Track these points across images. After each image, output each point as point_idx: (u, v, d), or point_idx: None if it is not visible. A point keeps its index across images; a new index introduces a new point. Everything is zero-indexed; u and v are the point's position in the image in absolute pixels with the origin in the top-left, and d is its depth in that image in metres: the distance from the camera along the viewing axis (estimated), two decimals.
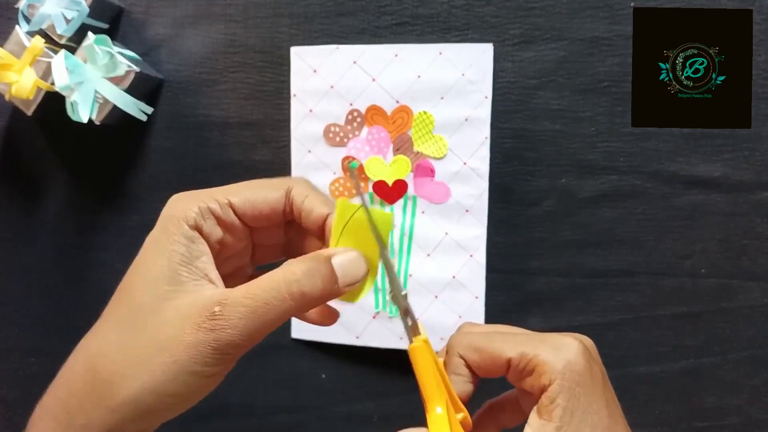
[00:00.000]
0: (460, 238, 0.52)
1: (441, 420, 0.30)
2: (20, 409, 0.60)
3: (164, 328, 0.28)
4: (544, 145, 0.52)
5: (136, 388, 0.28)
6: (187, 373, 0.28)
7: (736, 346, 0.51)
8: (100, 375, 0.29)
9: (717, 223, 0.51)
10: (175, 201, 0.31)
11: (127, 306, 0.30)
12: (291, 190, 0.32)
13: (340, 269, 0.29)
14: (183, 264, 0.29)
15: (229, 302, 0.28)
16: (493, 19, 0.51)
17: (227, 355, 0.28)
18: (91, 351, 0.30)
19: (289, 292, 0.28)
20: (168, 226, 0.30)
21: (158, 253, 0.30)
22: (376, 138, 0.52)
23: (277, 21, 0.54)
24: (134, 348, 0.28)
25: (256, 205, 0.32)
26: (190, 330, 0.28)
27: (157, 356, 0.28)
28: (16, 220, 0.58)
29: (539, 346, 0.30)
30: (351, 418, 0.56)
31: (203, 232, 0.30)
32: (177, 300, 0.29)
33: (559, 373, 0.29)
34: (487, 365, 0.32)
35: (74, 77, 0.49)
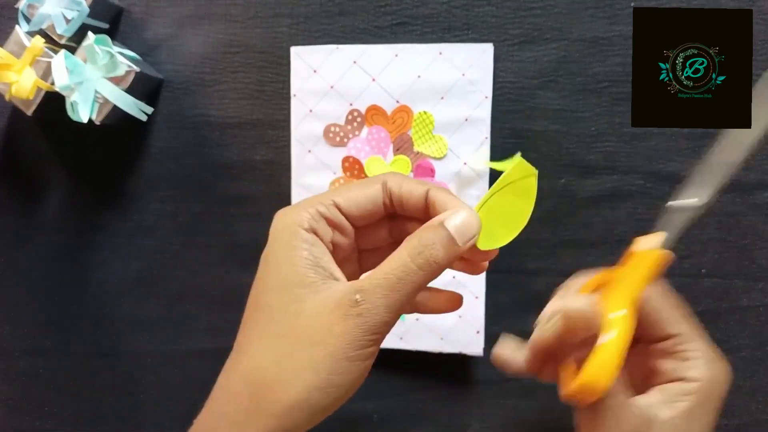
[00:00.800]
0: None
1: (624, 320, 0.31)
2: (20, 409, 0.60)
3: (311, 325, 0.30)
4: (544, 145, 0.52)
5: (301, 389, 0.29)
6: (345, 361, 0.29)
7: (736, 346, 0.51)
8: (261, 386, 0.30)
9: (717, 223, 0.51)
10: (284, 214, 0.33)
11: (266, 319, 0.31)
12: (387, 182, 0.33)
13: (454, 230, 0.30)
14: (309, 267, 0.31)
15: (367, 288, 0.29)
16: (493, 19, 0.51)
17: (377, 334, 0.30)
18: (244, 367, 0.31)
19: (417, 264, 0.30)
20: (284, 236, 0.31)
21: (283, 261, 0.31)
22: (376, 138, 0.52)
23: (277, 21, 0.54)
24: (287, 353, 0.30)
25: (359, 201, 0.33)
26: (337, 320, 0.29)
27: (314, 353, 0.29)
28: (16, 220, 0.58)
29: (704, 345, 0.32)
30: (351, 418, 0.56)
31: (318, 233, 0.32)
32: (313, 299, 0.30)
33: (706, 379, 0.31)
34: (649, 323, 0.34)
35: (74, 77, 0.49)
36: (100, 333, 0.58)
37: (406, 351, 0.53)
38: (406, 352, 0.53)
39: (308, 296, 0.30)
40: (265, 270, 0.32)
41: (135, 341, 0.58)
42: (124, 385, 0.58)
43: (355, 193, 0.33)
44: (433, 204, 0.33)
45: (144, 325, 0.58)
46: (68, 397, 0.59)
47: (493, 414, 0.54)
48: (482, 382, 0.54)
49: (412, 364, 0.54)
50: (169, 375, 0.58)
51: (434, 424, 0.55)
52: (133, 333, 0.58)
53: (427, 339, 0.53)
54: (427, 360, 0.53)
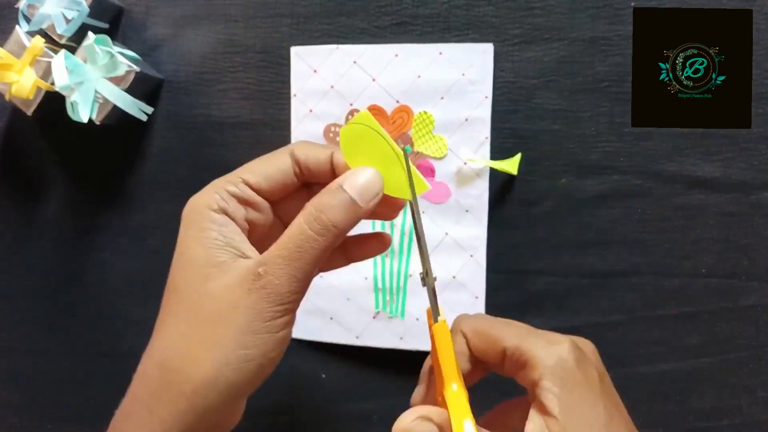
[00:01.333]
0: (460, 238, 0.52)
1: (458, 397, 0.31)
2: (20, 409, 0.60)
3: (216, 303, 0.29)
4: (544, 145, 0.52)
5: (210, 367, 0.29)
6: (252, 334, 0.29)
7: (736, 346, 0.51)
8: (170, 367, 0.30)
9: (717, 223, 0.51)
10: (193, 198, 0.32)
11: (176, 301, 0.31)
12: (294, 151, 0.33)
13: (354, 190, 0.30)
14: (219, 247, 0.30)
15: (268, 260, 0.29)
16: (493, 19, 0.51)
17: (284, 304, 0.29)
18: (156, 349, 0.31)
19: (314, 230, 0.29)
20: (194, 219, 0.31)
21: (193, 244, 0.31)
22: None
23: (277, 21, 0.54)
24: (195, 333, 0.29)
25: (268, 174, 0.33)
26: (241, 295, 0.29)
27: (221, 329, 0.29)
28: (16, 220, 0.58)
29: (534, 341, 0.31)
30: (351, 418, 0.56)
31: (229, 213, 0.31)
32: (221, 278, 0.30)
33: (549, 368, 0.30)
34: (485, 349, 0.33)
35: (74, 77, 0.49)
36: (100, 333, 0.58)
37: (406, 351, 0.53)
38: (406, 352, 0.53)
39: (216, 275, 0.30)
40: (178, 254, 0.32)
41: (135, 341, 0.57)
42: (124, 385, 0.58)
43: (263, 167, 0.33)
44: (337, 167, 0.32)
45: (144, 325, 0.57)
46: (68, 397, 0.59)
47: None
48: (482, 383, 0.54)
49: (412, 364, 0.54)
50: None
51: None
52: (133, 333, 0.58)
53: (427, 339, 0.53)
54: None
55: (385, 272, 0.53)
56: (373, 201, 0.31)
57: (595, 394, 0.30)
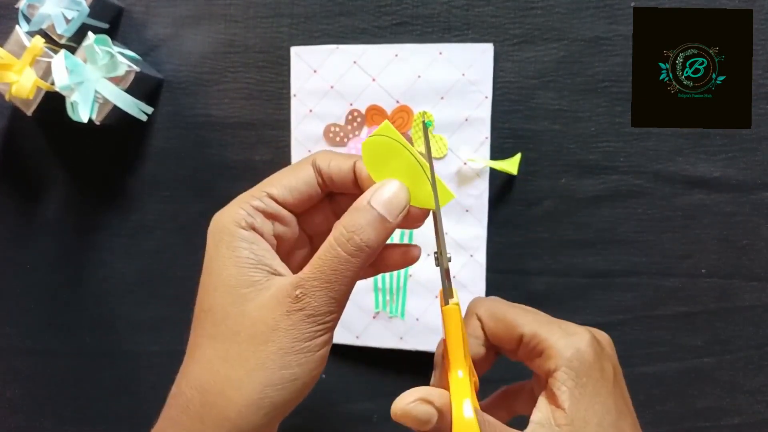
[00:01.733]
0: (460, 238, 0.52)
1: (463, 383, 0.30)
2: (20, 409, 0.60)
3: (256, 325, 0.29)
4: (544, 145, 0.52)
5: (254, 389, 0.29)
6: (294, 354, 0.29)
7: (735, 346, 0.51)
8: (211, 390, 0.29)
9: (717, 223, 0.51)
10: (219, 215, 0.32)
11: (212, 322, 0.30)
12: (315, 161, 0.33)
13: (381, 206, 0.30)
14: (251, 266, 0.30)
15: (305, 282, 0.29)
16: (493, 19, 0.51)
17: (323, 324, 0.29)
18: (193, 373, 0.31)
19: (349, 252, 0.29)
20: (224, 237, 0.31)
21: (224, 264, 0.31)
22: None
23: (277, 21, 0.54)
24: (236, 355, 0.29)
25: (293, 186, 0.32)
26: (281, 317, 0.29)
27: (262, 351, 0.29)
28: (16, 220, 0.58)
29: (553, 330, 0.31)
30: (351, 418, 0.56)
31: (256, 229, 0.31)
32: (257, 298, 0.30)
33: (566, 359, 0.30)
34: (500, 334, 0.33)
35: (74, 77, 0.49)
36: (100, 333, 0.58)
37: (406, 351, 0.53)
38: (406, 352, 0.53)
39: (252, 295, 0.30)
40: (208, 273, 0.31)
41: (135, 341, 0.58)
42: (124, 385, 0.58)
43: (288, 179, 0.32)
44: (360, 177, 0.32)
45: (144, 325, 0.58)
46: (68, 397, 0.59)
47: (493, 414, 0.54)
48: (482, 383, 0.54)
49: (412, 364, 0.54)
50: (169, 375, 0.57)
51: None
52: (133, 333, 0.58)
53: (427, 339, 0.53)
54: (427, 360, 0.53)
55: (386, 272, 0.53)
56: (401, 215, 0.30)
57: (608, 390, 0.30)
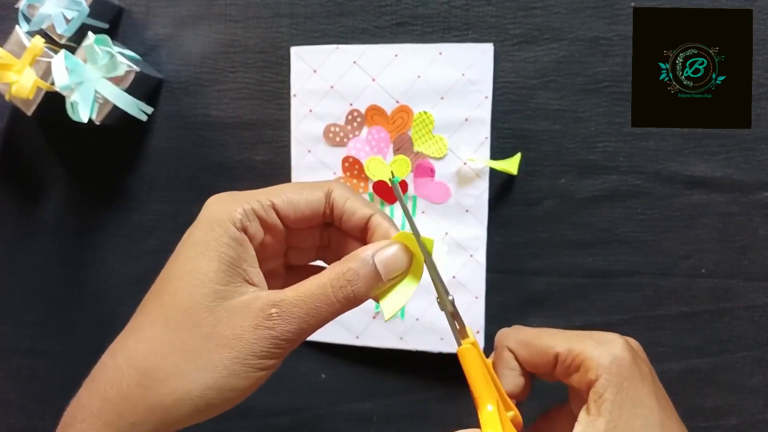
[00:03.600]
0: (460, 238, 0.52)
1: (492, 418, 0.30)
2: (20, 409, 0.60)
3: (222, 326, 0.29)
4: (544, 145, 0.52)
5: (196, 386, 0.29)
6: (247, 367, 0.29)
7: (735, 346, 0.51)
8: (154, 375, 0.29)
9: (717, 223, 0.51)
10: (218, 201, 0.32)
11: (172, 306, 0.30)
12: (331, 193, 0.33)
13: (382, 265, 0.31)
14: (231, 266, 0.30)
15: (284, 305, 0.29)
16: (493, 19, 0.51)
17: (281, 349, 0.30)
18: (138, 351, 0.30)
19: (337, 297, 0.30)
20: (214, 228, 0.31)
21: (206, 254, 0.30)
22: (376, 138, 0.52)
23: (277, 21, 0.54)
24: (189, 347, 0.29)
25: (298, 206, 0.32)
26: (248, 328, 0.29)
27: (217, 353, 0.29)
28: (16, 220, 0.58)
29: (586, 341, 0.31)
30: (351, 418, 0.56)
31: (248, 233, 0.31)
32: (230, 300, 0.30)
33: (605, 368, 0.30)
34: (535, 360, 0.33)
35: (74, 77, 0.49)
36: (100, 333, 0.58)
37: (406, 351, 0.53)
38: (406, 352, 0.53)
39: (223, 294, 0.30)
40: (183, 255, 0.31)
41: None
42: None
43: (297, 197, 0.32)
44: (374, 231, 0.32)
45: None
46: (68, 397, 0.59)
47: None
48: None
49: (412, 364, 0.54)
50: None
51: (434, 424, 0.55)
52: None
53: (427, 339, 0.53)
54: (427, 360, 0.53)
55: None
56: (394, 279, 0.31)
57: (649, 391, 0.30)
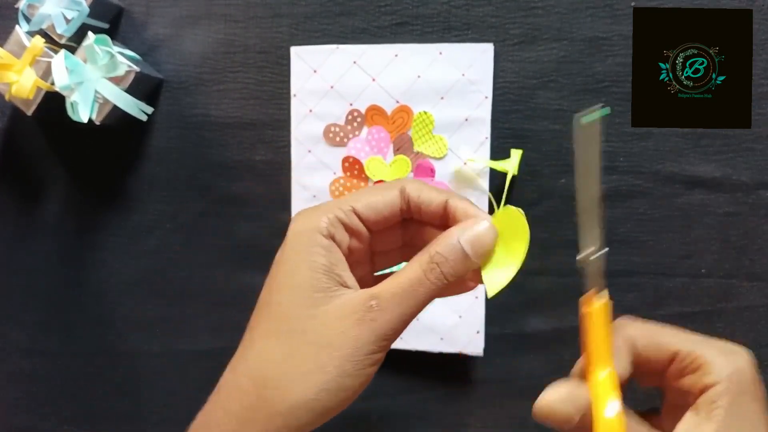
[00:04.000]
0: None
1: (606, 384, 0.30)
2: (20, 409, 0.60)
3: (325, 329, 0.30)
4: (544, 145, 0.52)
5: (310, 390, 0.30)
6: (354, 363, 0.30)
7: None
8: (268, 383, 0.30)
9: (717, 223, 0.51)
10: (302, 216, 0.33)
11: (278, 318, 0.32)
12: (405, 188, 0.34)
13: (468, 245, 0.31)
14: (325, 273, 0.31)
15: (383, 295, 0.30)
16: (493, 19, 0.51)
17: (386, 340, 0.31)
18: (251, 364, 0.32)
19: (430, 278, 0.31)
20: (303, 239, 0.32)
21: (299, 264, 0.31)
22: (376, 138, 0.52)
23: (277, 21, 0.54)
24: (299, 354, 0.30)
25: (377, 207, 0.33)
26: (351, 325, 0.30)
27: (325, 355, 0.30)
28: (16, 220, 0.58)
29: (710, 346, 0.31)
30: (351, 418, 0.56)
31: (335, 239, 0.32)
32: (328, 304, 0.31)
33: (726, 376, 0.30)
34: (649, 353, 0.33)
35: (74, 77, 0.49)
36: (100, 333, 0.58)
37: (406, 351, 0.53)
38: (406, 352, 0.53)
39: (322, 300, 0.31)
40: (279, 270, 0.32)
41: (135, 341, 0.58)
42: (124, 385, 0.58)
43: (374, 199, 0.33)
44: (453, 214, 0.33)
45: (144, 325, 0.58)
46: (68, 397, 0.59)
47: (493, 414, 0.54)
48: (482, 382, 0.54)
49: (412, 364, 0.54)
50: (169, 375, 0.58)
51: (434, 424, 0.55)
52: (133, 333, 0.58)
53: (427, 339, 0.53)
54: (427, 360, 0.53)
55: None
56: (484, 256, 0.32)
57: (762, 408, 0.30)
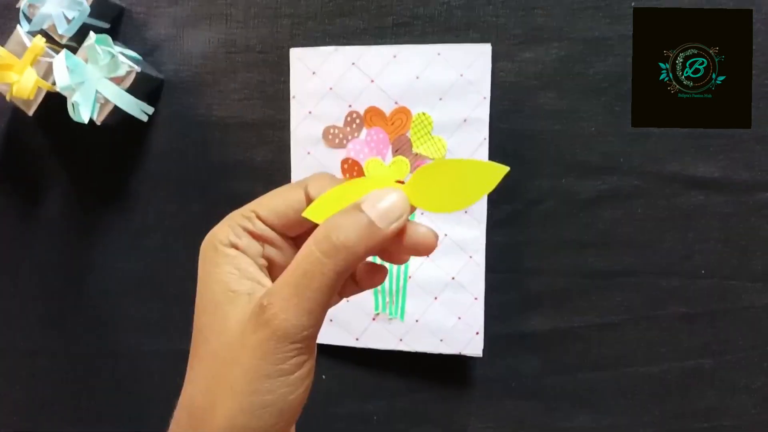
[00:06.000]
0: (459, 239, 0.52)
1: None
2: (20, 409, 0.60)
3: (231, 343, 0.27)
4: (544, 145, 0.52)
5: (224, 415, 0.27)
6: (265, 378, 0.26)
7: (735, 347, 0.51)
8: (195, 414, 0.28)
9: (717, 223, 0.51)
10: (209, 234, 0.31)
11: (199, 343, 0.29)
12: (307, 188, 0.30)
13: (374, 211, 0.27)
14: (235, 281, 0.28)
15: (274, 290, 0.26)
16: (493, 19, 0.52)
17: (295, 342, 0.26)
18: (185, 396, 0.29)
19: (324, 251, 0.26)
20: (208, 255, 0.29)
21: (207, 281, 0.29)
22: (375, 139, 0.52)
23: (277, 21, 0.54)
24: (215, 376, 0.27)
25: (280, 210, 0.30)
26: (248, 333, 0.26)
27: (233, 374, 0.26)
28: (16, 220, 0.58)
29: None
30: (351, 419, 0.56)
31: (240, 248, 0.30)
32: (234, 313, 0.28)
33: None
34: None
35: (75, 77, 0.49)
36: (100, 333, 0.58)
37: (406, 352, 0.53)
38: (406, 353, 0.53)
39: (232, 312, 0.28)
40: (198, 293, 0.30)
41: (135, 341, 0.58)
42: (124, 385, 0.58)
43: (275, 202, 0.30)
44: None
45: (144, 325, 0.58)
46: (68, 397, 0.59)
47: (493, 414, 0.54)
48: (482, 382, 0.54)
49: (412, 365, 0.54)
50: (169, 375, 0.58)
51: (434, 424, 0.55)
52: (133, 333, 0.58)
53: (426, 340, 0.53)
54: (426, 361, 0.53)
55: None
56: (396, 224, 0.27)
57: None
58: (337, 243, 0.26)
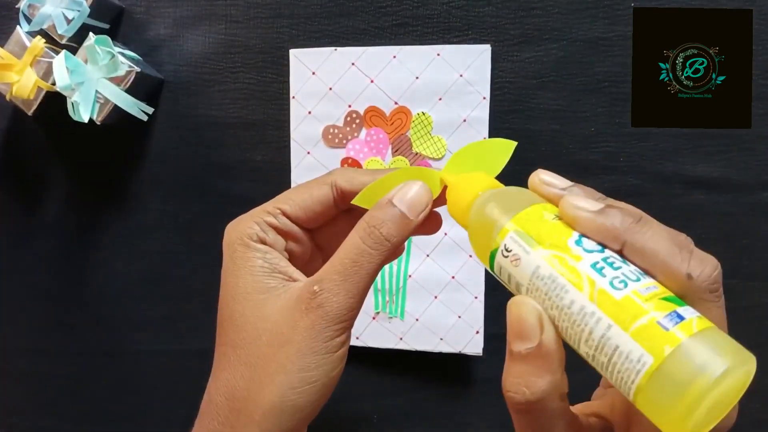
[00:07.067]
0: (459, 239, 0.52)
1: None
2: (20, 410, 0.60)
3: (276, 327, 0.30)
4: (544, 145, 0.52)
5: (275, 392, 0.29)
6: (313, 355, 0.29)
7: None
8: (238, 395, 0.30)
9: (717, 223, 0.51)
10: (232, 227, 0.33)
11: (233, 330, 0.31)
12: (335, 181, 0.33)
13: (404, 205, 0.30)
14: (266, 274, 0.31)
15: (324, 277, 0.30)
16: (492, 19, 0.52)
17: (342, 322, 0.29)
18: (223, 382, 0.31)
19: (369, 244, 0.30)
20: (237, 249, 0.31)
21: (239, 273, 0.31)
22: (375, 139, 0.52)
23: (277, 21, 0.54)
24: (259, 359, 0.30)
25: (306, 205, 0.33)
26: (300, 316, 0.29)
27: (283, 354, 0.29)
28: (16, 220, 0.58)
29: None
30: (351, 418, 0.56)
31: (268, 243, 0.32)
32: (275, 302, 0.30)
33: None
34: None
35: (75, 77, 0.49)
36: (100, 333, 0.58)
37: (406, 351, 0.53)
38: (406, 352, 0.53)
39: (269, 300, 0.30)
40: (225, 283, 0.32)
41: (135, 341, 0.58)
42: (125, 385, 0.58)
43: (302, 197, 0.33)
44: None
45: (144, 325, 0.58)
46: (68, 397, 0.59)
47: (493, 414, 0.54)
48: (482, 382, 0.54)
49: (412, 364, 0.54)
50: (169, 375, 0.58)
51: (434, 424, 0.55)
52: (133, 333, 0.58)
53: (426, 339, 0.53)
54: (427, 360, 0.53)
55: (385, 273, 0.53)
56: (422, 214, 0.31)
57: None
58: (381, 237, 0.30)
